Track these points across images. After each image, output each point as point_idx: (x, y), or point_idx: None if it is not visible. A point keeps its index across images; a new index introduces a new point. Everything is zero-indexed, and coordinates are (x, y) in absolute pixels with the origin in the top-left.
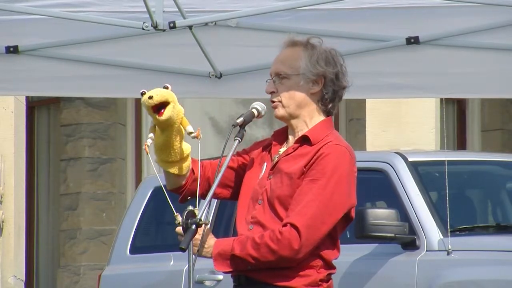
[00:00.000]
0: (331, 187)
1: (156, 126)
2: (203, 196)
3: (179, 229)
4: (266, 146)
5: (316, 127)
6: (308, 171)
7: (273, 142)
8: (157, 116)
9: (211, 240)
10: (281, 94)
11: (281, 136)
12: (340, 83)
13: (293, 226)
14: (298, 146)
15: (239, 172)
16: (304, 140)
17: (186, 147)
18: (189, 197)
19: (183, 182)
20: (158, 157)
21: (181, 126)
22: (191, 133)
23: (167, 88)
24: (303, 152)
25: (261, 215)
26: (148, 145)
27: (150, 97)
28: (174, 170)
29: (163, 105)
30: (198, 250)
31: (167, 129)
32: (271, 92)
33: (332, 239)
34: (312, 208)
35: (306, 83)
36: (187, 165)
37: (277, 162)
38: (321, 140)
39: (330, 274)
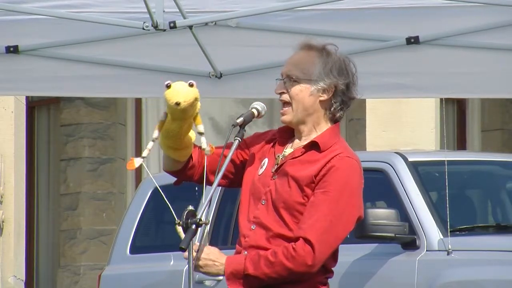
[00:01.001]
0: (344, 201)
1: (168, 114)
2: (198, 181)
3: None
4: (269, 141)
5: (325, 133)
6: (319, 182)
7: (278, 140)
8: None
9: (222, 258)
10: (290, 96)
11: (286, 134)
12: (350, 94)
13: (307, 240)
14: (306, 151)
15: (238, 164)
16: (313, 146)
17: (191, 137)
18: (183, 181)
19: (180, 167)
20: (162, 141)
21: (192, 121)
22: (201, 133)
23: (192, 85)
24: (311, 158)
25: (265, 217)
26: (144, 156)
27: (178, 104)
28: (175, 156)
29: None
30: (205, 269)
31: (180, 120)
32: (281, 93)
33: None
34: (326, 223)
35: (316, 90)
36: (188, 152)
37: (282, 164)
38: (329, 147)
39: (327, 278)
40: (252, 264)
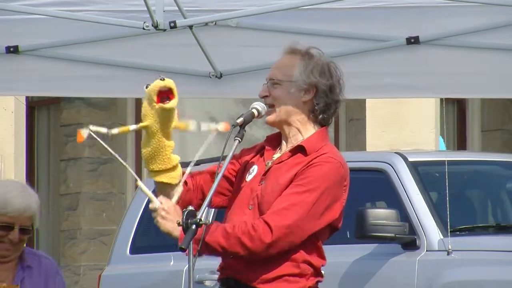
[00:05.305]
0: (315, 196)
1: (145, 133)
2: (198, 206)
3: (152, 205)
4: (258, 150)
5: (312, 137)
6: (297, 177)
7: (266, 147)
8: (162, 105)
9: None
10: (272, 99)
11: (275, 141)
12: (334, 96)
13: (266, 223)
14: (292, 155)
15: (232, 180)
16: (299, 149)
17: (175, 157)
18: (184, 209)
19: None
20: (148, 167)
21: (165, 137)
22: (197, 127)
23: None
24: (296, 161)
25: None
26: (91, 129)
27: (162, 79)
28: (167, 179)
29: (168, 95)
30: (158, 220)
31: (155, 134)
32: (264, 96)
33: (317, 248)
34: (290, 212)
35: (297, 91)
36: (177, 174)
37: (269, 168)
38: (316, 151)
39: (317, 282)
40: (208, 231)
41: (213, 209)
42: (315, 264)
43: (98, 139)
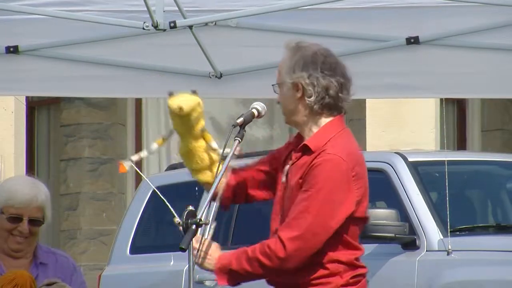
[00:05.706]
0: (322, 197)
1: (176, 129)
2: (245, 201)
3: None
4: (291, 148)
5: (317, 133)
6: (303, 182)
7: (293, 147)
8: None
9: (216, 253)
10: (280, 103)
11: (299, 140)
12: (328, 84)
13: (279, 237)
14: (301, 155)
15: (272, 173)
16: (305, 149)
17: (207, 156)
18: (230, 204)
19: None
20: (187, 166)
21: (192, 138)
22: (215, 149)
23: (194, 92)
24: (302, 162)
25: None
26: (132, 160)
27: (181, 108)
28: (201, 176)
29: None
30: (200, 262)
31: (185, 128)
32: (278, 102)
33: (343, 243)
34: (300, 220)
35: (289, 90)
36: (213, 172)
37: (288, 171)
38: (321, 147)
39: (358, 275)
40: (237, 259)
41: (213, 210)
42: (346, 260)
43: (139, 171)
